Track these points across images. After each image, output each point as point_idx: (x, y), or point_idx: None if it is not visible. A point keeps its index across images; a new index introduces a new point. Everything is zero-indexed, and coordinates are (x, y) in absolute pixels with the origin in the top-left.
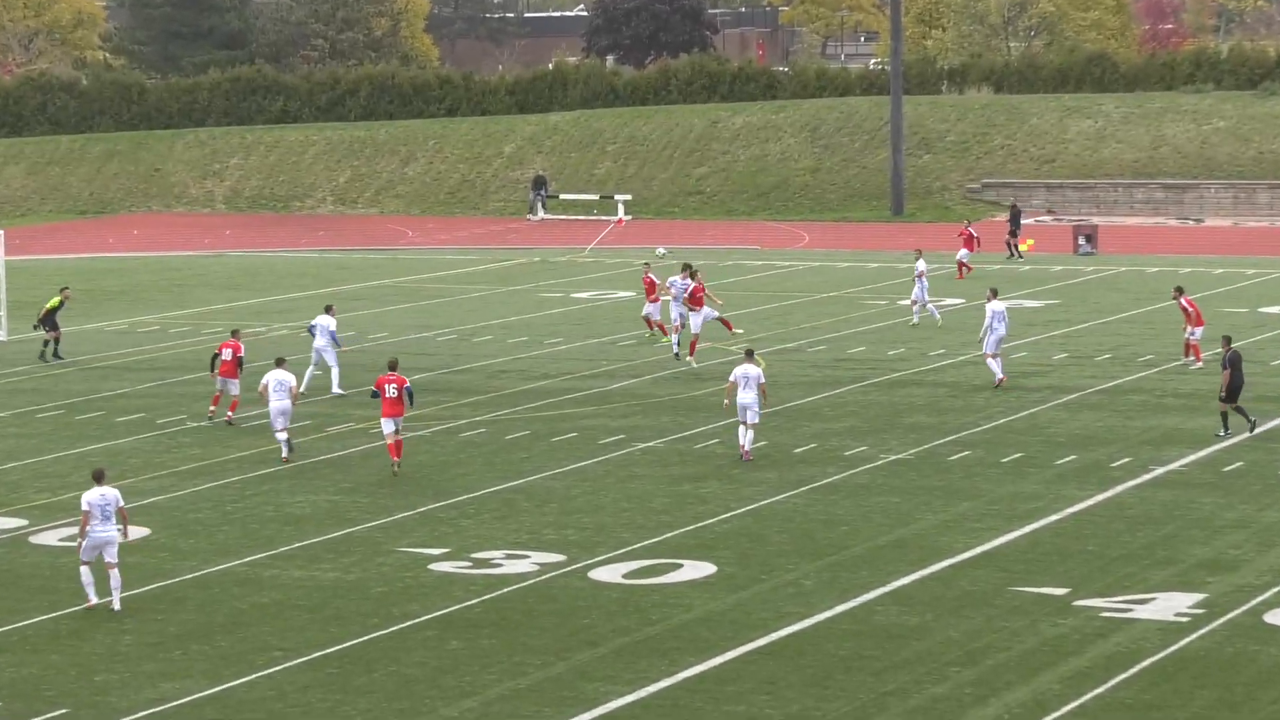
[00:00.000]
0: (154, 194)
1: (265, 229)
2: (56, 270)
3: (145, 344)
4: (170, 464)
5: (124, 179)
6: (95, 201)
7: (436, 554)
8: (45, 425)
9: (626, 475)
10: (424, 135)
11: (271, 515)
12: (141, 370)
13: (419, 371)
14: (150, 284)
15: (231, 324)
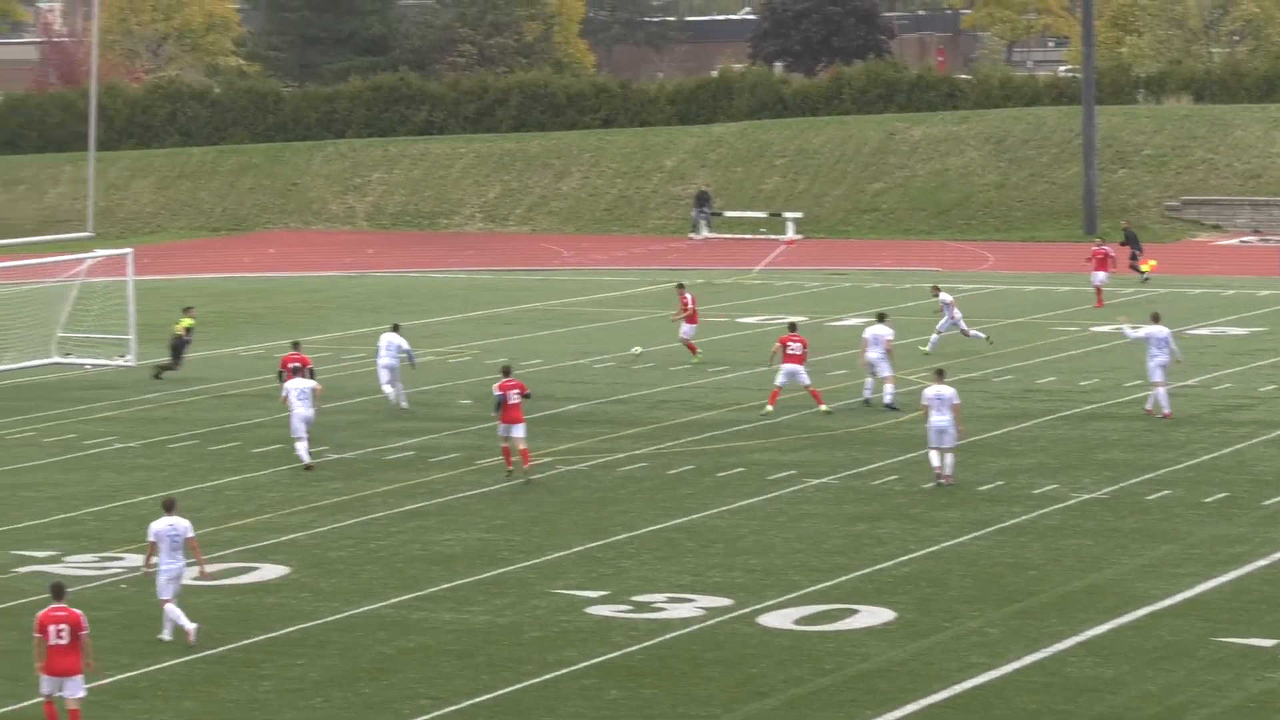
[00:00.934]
0: (291, 210)
1: (410, 247)
2: (187, 291)
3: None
4: (310, 498)
5: (259, 194)
6: (229, 218)
7: (594, 596)
8: (177, 456)
9: (798, 514)
10: (579, 148)
11: (418, 554)
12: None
13: (574, 401)
14: (287, 306)
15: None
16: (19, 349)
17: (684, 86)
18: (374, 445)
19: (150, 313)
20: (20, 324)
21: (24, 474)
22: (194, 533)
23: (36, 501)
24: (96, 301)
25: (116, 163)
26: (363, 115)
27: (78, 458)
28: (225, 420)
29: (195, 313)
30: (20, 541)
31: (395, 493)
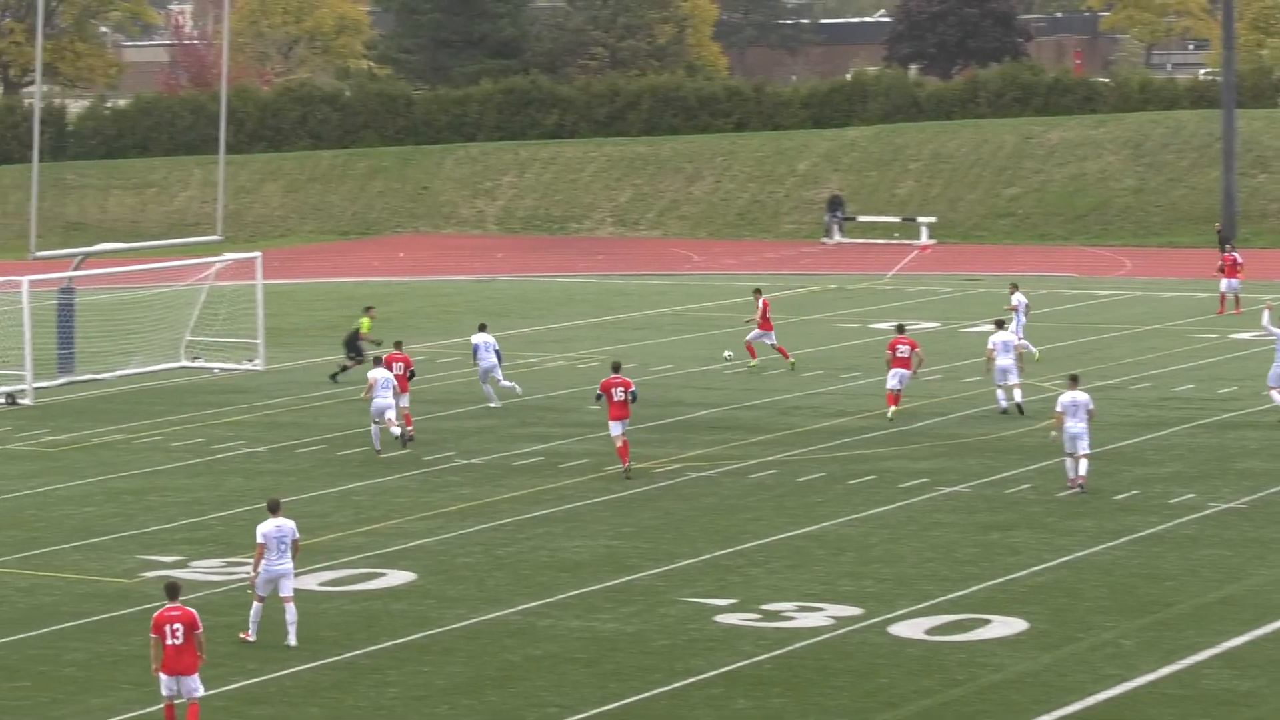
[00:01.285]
0: (421, 214)
1: (540, 252)
2: (317, 295)
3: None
4: (438, 504)
5: (389, 197)
6: (358, 222)
7: (723, 605)
8: (305, 461)
9: (930, 522)
10: (711, 151)
11: (546, 560)
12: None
13: (705, 407)
14: (417, 310)
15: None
16: (147, 353)
17: (818, 89)
18: (502, 451)
19: (278, 316)
20: (148, 328)
21: (151, 479)
22: (299, 535)
23: (163, 506)
24: (225, 305)
25: (246, 166)
26: (493, 118)
27: (205, 462)
28: (353, 425)
29: (375, 313)
30: (147, 546)
31: (523, 499)
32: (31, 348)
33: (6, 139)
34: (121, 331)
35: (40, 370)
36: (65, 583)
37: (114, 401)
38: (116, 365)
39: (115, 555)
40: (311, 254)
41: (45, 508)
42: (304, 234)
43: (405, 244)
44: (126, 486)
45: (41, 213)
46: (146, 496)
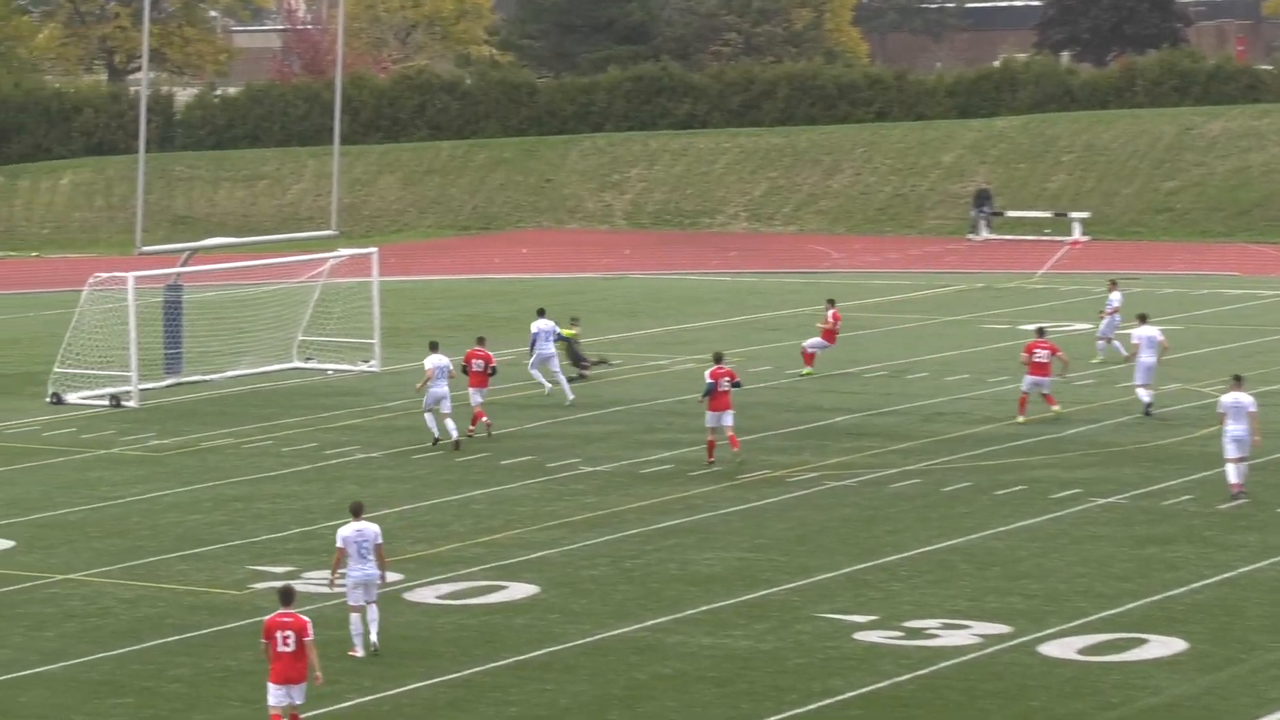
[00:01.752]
0: (544, 208)
1: (670, 248)
2: (436, 293)
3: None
4: (562, 513)
5: (511, 190)
6: (479, 216)
7: (863, 621)
8: (422, 467)
9: (1082, 535)
10: (851, 142)
11: (675, 573)
12: (530, 407)
13: (843, 412)
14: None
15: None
16: (258, 353)
17: (964, 77)
18: (629, 457)
19: (395, 315)
20: (260, 326)
21: (261, 485)
22: (382, 539)
23: (274, 514)
24: (339, 304)
25: (362, 157)
26: (621, 108)
27: (317, 468)
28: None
29: (579, 325)
30: (257, 556)
31: (651, 508)
32: (137, 348)
33: (112, 129)
34: (231, 331)
35: (146, 371)
36: (171, 594)
37: (223, 404)
38: (226, 366)
39: (224, 565)
40: (430, 250)
41: (150, 515)
42: (422, 229)
43: (528, 239)
44: (235, 493)
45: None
46: (256, 504)
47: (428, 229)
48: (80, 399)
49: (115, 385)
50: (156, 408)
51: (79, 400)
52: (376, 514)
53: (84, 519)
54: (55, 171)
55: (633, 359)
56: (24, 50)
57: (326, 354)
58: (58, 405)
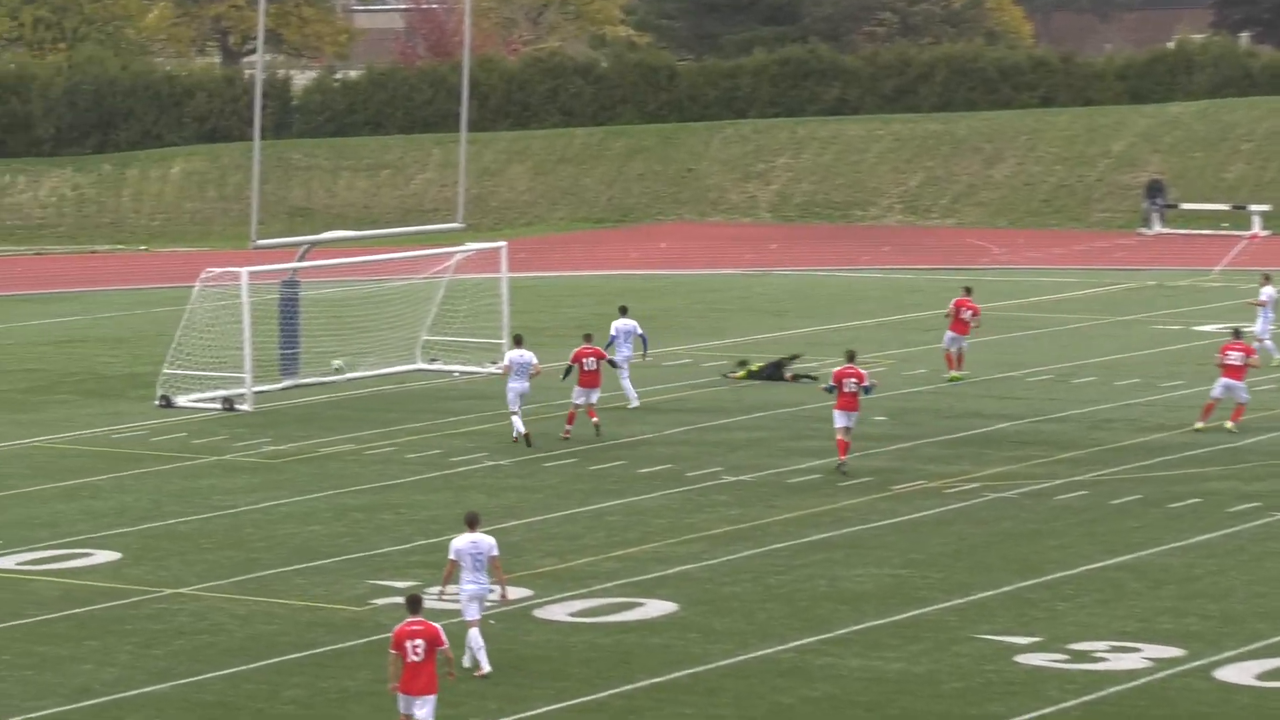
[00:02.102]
0: (685, 199)
1: (818, 242)
2: (568, 290)
3: (673, 380)
4: (702, 526)
5: (649, 181)
6: (615, 208)
7: (1025, 643)
8: (553, 476)
9: (1262, 552)
10: (1013, 129)
11: (824, 591)
12: (669, 412)
13: (1004, 419)
14: (680, 308)
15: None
16: (380, 353)
17: (1135, 60)
18: (774, 466)
19: (525, 314)
20: (382, 325)
21: (384, 494)
22: (498, 551)
23: (397, 525)
24: (465, 301)
25: (490, 145)
26: (767, 92)
27: (443, 476)
28: (608, 436)
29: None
30: (378, 570)
31: (798, 521)
32: (251, 347)
33: (226, 114)
34: (351, 330)
35: (261, 373)
36: (287, 610)
37: (342, 408)
38: (345, 367)
39: (343, 580)
40: (562, 244)
41: (265, 526)
42: (554, 221)
43: (667, 233)
44: (356, 503)
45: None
46: (378, 514)
47: (559, 222)
48: (191, 402)
49: (228, 387)
50: (272, 411)
51: (189, 403)
52: (504, 526)
53: (195, 530)
54: (165, 160)
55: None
56: (133, 31)
57: (452, 355)
58: (167, 408)
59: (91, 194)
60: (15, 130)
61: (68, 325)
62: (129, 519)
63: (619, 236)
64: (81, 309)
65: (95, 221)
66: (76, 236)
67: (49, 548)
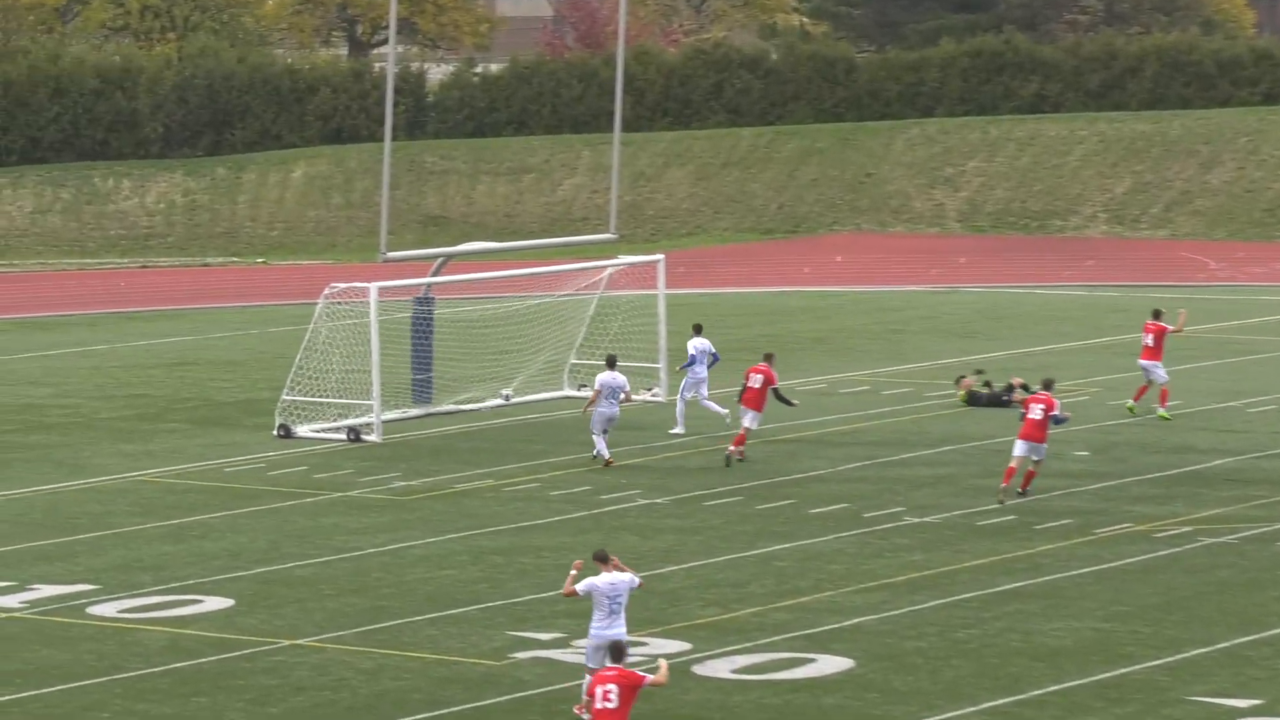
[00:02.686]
0: (864, 208)
1: (1013, 256)
2: (734, 308)
3: (851, 409)
4: (881, 573)
5: (825, 187)
6: (785, 217)
7: (1244, 707)
8: (715, 516)
9: None
10: (1233, 130)
11: (1018, 646)
12: (844, 445)
13: (1221, 455)
14: (857, 329)
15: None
16: (524, 379)
17: None
18: (962, 506)
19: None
20: (525, 347)
21: (525, 535)
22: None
23: (540, 570)
24: (618, 320)
25: (647, 146)
26: (956, 88)
27: (592, 516)
28: (776, 472)
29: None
30: (519, 620)
31: (989, 568)
32: (380, 372)
33: (353, 111)
34: (491, 352)
35: (391, 399)
36: (419, 664)
37: (481, 439)
38: (484, 394)
39: (480, 630)
40: (726, 256)
41: (395, 570)
42: (717, 232)
43: (843, 245)
44: (495, 545)
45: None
46: (519, 558)
47: (724, 232)
48: (313, 432)
49: (354, 416)
50: (402, 443)
51: (311, 433)
52: (660, 571)
53: (316, 574)
54: (286, 163)
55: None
56: (250, 20)
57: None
58: (286, 439)
59: (204, 201)
60: (120, 130)
61: (177, 346)
62: (243, 562)
63: (790, 249)
64: (192, 328)
65: (208, 231)
66: (187, 248)
67: (154, 593)
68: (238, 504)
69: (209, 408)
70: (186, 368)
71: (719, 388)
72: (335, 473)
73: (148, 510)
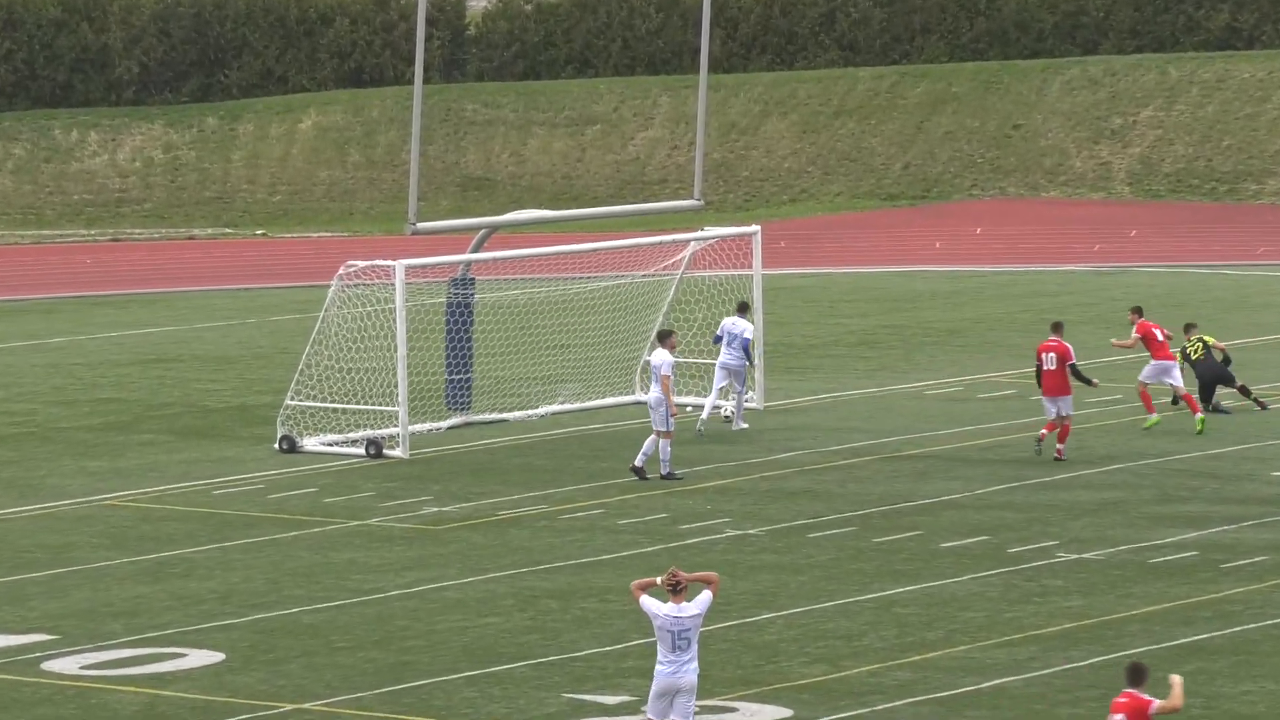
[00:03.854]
0: (1009, 167)
1: (1196, 228)
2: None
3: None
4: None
5: (960, 140)
6: (912, 179)
7: None
8: (822, 550)
9: None
10: None
11: (1200, 713)
12: (983, 462)
13: None
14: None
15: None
16: (585, 380)
17: None
18: (1133, 540)
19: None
20: (586, 341)
21: (586, 574)
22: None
23: (605, 618)
24: (702, 308)
25: (741, 90)
26: (1126, 18)
27: (668, 550)
28: (898, 495)
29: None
30: (578, 680)
31: (1163, 615)
32: (406, 370)
33: (375, 48)
34: (545, 347)
35: (420, 405)
36: None
37: (530, 455)
38: (536, 399)
39: (530, 692)
40: (838, 228)
41: (424, 618)
42: (827, 198)
43: (984, 214)
44: (549, 586)
45: (427, 163)
46: (579, 602)
47: (835, 198)
48: (323, 445)
49: (374, 426)
50: (435, 459)
51: (321, 447)
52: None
53: (327, 621)
54: (292, 111)
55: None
56: None
57: (684, 382)
58: (290, 454)
59: (189, 158)
60: (86, 70)
61: (156, 338)
62: (236, 606)
63: (917, 219)
64: (174, 317)
65: (194, 196)
66: (169, 216)
67: (126, 645)
68: (230, 534)
69: (194, 415)
70: (167, 365)
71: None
72: (351, 496)
73: (118, 542)
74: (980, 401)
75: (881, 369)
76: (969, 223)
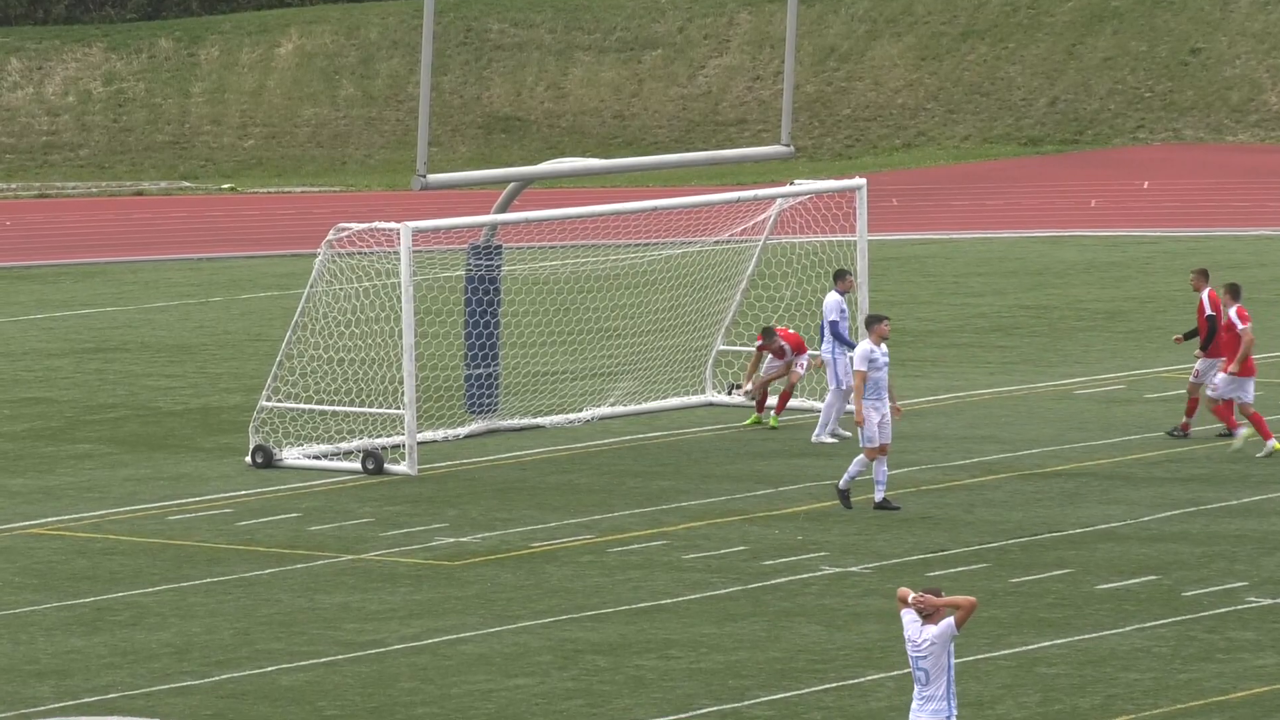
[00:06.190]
0: (1186, 104)
1: None
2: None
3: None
4: (1211, 685)
5: (1122, 71)
6: (1060, 119)
7: None
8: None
9: None
10: None
11: None
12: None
13: None
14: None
15: None
16: (642, 375)
17: None
18: None
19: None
20: (644, 328)
21: (640, 621)
22: None
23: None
24: (791, 283)
25: (841, 6)
26: None
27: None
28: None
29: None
30: None
31: None
32: (414, 362)
33: None
34: (590, 333)
35: (431, 409)
36: None
37: (573, 470)
38: (579, 400)
39: None
40: (966, 181)
41: (436, 679)
42: (950, 143)
43: (1152, 162)
44: (594, 638)
45: (440, 97)
46: (633, 659)
47: (961, 143)
48: (307, 458)
49: (372, 433)
50: (449, 476)
51: (305, 461)
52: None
53: (312, 683)
54: (267, 31)
55: None
56: None
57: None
58: (265, 469)
59: (137, 92)
60: None
61: (95, 323)
62: (195, 664)
63: (1067, 169)
64: (119, 294)
65: (143, 141)
66: (110, 166)
67: (57, 713)
68: (191, 573)
69: (144, 420)
70: (110, 357)
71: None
72: (343, 523)
73: (46, 582)
74: (1147, 403)
75: (1021, 361)
76: (1134, 174)
